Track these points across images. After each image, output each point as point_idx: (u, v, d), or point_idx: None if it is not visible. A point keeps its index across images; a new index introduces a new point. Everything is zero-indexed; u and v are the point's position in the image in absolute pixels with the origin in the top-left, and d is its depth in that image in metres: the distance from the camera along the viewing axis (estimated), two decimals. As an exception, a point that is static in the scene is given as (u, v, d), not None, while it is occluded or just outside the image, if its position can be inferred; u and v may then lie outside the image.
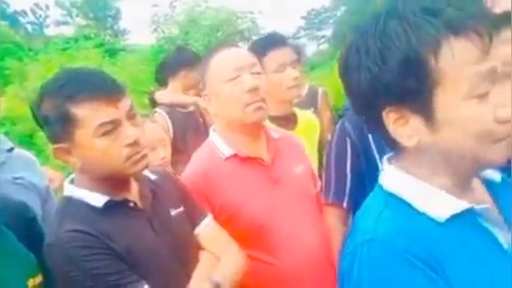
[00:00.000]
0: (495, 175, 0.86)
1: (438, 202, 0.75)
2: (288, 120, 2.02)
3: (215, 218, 1.43)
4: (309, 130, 2.08)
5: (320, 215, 1.64)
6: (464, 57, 0.68)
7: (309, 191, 1.64)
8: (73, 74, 1.17)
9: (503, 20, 2.06)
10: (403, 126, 0.74)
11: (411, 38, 0.68)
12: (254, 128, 1.54)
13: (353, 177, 1.64)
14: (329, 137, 2.07)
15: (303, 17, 27.82)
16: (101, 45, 9.87)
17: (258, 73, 1.53)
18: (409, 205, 0.76)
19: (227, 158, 1.52)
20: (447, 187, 0.76)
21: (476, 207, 0.75)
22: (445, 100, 0.70)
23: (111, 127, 1.12)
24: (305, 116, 2.20)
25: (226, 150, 1.53)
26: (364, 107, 0.78)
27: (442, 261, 0.71)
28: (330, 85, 4.50)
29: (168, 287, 1.20)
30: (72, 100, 1.11)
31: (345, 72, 0.78)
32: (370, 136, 1.60)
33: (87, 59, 6.87)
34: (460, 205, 0.75)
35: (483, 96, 0.70)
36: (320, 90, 3.03)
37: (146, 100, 3.33)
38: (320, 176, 1.77)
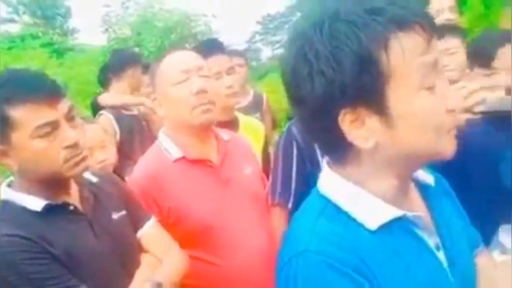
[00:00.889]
0: (428, 178, 0.87)
1: (370, 210, 0.75)
2: (230, 125, 2.02)
3: (164, 220, 1.42)
4: (251, 134, 2.09)
5: (269, 216, 1.67)
6: (412, 50, 0.70)
7: (258, 192, 1.66)
8: (11, 76, 1.16)
9: (443, 29, 2.17)
10: (358, 128, 0.73)
11: (361, 38, 0.69)
12: (202, 130, 1.55)
13: (299, 179, 1.68)
14: (275, 137, 2.09)
15: (258, 22, 28.05)
16: (48, 44, 9.53)
17: (206, 76, 1.54)
18: (344, 212, 0.76)
19: (175, 160, 1.52)
20: (387, 192, 0.77)
21: (408, 214, 0.76)
22: (398, 94, 0.71)
23: (50, 129, 1.11)
24: (247, 121, 2.21)
25: (174, 152, 1.53)
26: (317, 114, 0.75)
27: (375, 270, 0.71)
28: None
29: None
30: (9, 102, 1.09)
31: (295, 81, 0.75)
32: None
33: (33, 59, 6.62)
34: (390, 213, 0.75)
35: (432, 88, 0.72)
36: (264, 96, 3.12)
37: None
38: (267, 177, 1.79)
